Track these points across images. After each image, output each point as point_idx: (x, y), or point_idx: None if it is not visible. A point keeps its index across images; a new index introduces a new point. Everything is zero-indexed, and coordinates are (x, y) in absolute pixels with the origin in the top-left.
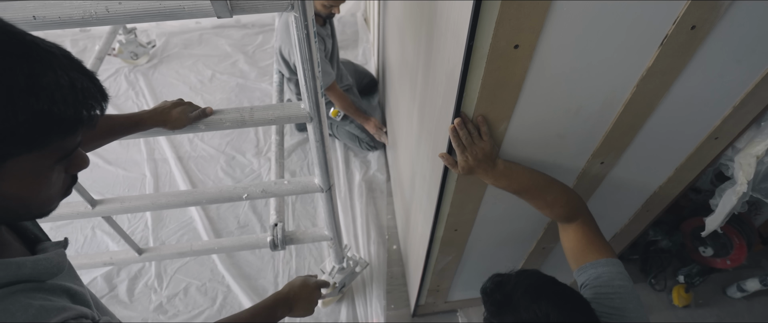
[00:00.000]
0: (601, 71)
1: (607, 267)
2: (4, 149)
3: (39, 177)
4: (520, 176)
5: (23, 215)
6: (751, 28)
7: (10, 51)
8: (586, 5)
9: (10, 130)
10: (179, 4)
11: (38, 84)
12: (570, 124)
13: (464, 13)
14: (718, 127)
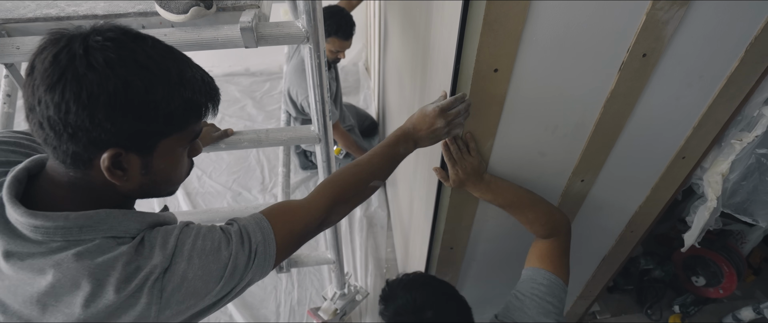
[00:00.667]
0: (571, 93)
1: (542, 278)
2: (164, 129)
3: (176, 156)
4: (505, 191)
5: (160, 192)
6: (695, 55)
7: (165, 55)
8: (552, 34)
9: (169, 113)
10: (213, 36)
11: (185, 78)
12: (549, 142)
13: (451, 42)
14: (682, 146)
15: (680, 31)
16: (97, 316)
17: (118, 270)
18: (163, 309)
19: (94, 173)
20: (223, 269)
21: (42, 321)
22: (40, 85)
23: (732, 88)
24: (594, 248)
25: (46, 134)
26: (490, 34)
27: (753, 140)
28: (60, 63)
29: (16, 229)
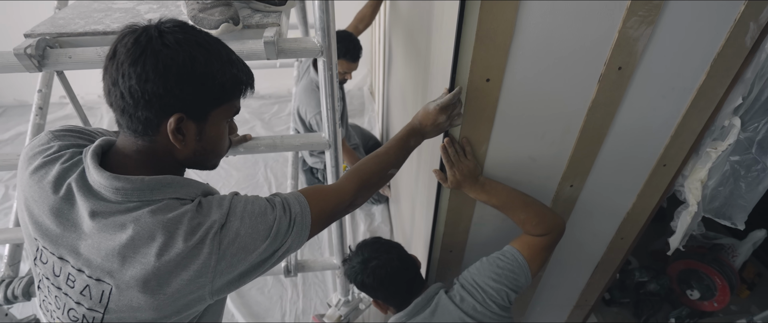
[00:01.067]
0: (556, 102)
1: (509, 253)
2: (215, 99)
3: (221, 128)
4: (498, 192)
5: (207, 162)
6: (665, 69)
7: (216, 41)
8: (537, 48)
9: (221, 84)
10: (239, 49)
11: (232, 59)
12: (538, 147)
13: (448, 55)
14: (662, 154)
15: (650, 47)
16: (169, 265)
17: (185, 224)
18: (220, 259)
19: (159, 139)
20: (269, 230)
21: (122, 273)
22: (124, 61)
23: (702, 99)
24: (587, 254)
25: (126, 103)
26: (482, 47)
27: (726, 149)
28: (141, 43)
29: (99, 192)
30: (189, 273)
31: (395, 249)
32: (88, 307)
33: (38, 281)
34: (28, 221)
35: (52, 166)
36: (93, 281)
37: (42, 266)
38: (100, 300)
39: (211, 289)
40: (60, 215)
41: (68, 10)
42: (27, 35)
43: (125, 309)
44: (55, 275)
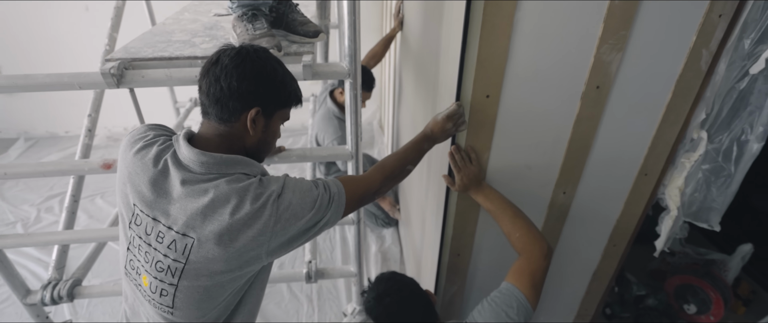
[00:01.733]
0: (547, 116)
1: (504, 288)
2: (283, 102)
3: (276, 128)
4: (494, 198)
5: (261, 153)
6: (637, 88)
7: (279, 61)
8: (527, 69)
9: (287, 93)
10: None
11: (290, 75)
12: (533, 156)
13: (454, 76)
14: (643, 164)
15: (622, 70)
16: (238, 222)
17: (251, 192)
18: (277, 222)
19: (237, 126)
20: (313, 203)
21: (203, 228)
22: (228, 65)
23: (671, 115)
24: (584, 261)
25: (223, 95)
26: (482, 69)
27: (698, 159)
28: (241, 54)
29: (187, 165)
30: (253, 231)
31: (408, 287)
32: (173, 258)
33: (128, 243)
34: (128, 191)
35: (151, 148)
36: (179, 236)
37: (136, 228)
38: (183, 251)
39: (268, 248)
40: (156, 185)
41: (137, 41)
42: (108, 60)
43: (202, 260)
44: (147, 234)
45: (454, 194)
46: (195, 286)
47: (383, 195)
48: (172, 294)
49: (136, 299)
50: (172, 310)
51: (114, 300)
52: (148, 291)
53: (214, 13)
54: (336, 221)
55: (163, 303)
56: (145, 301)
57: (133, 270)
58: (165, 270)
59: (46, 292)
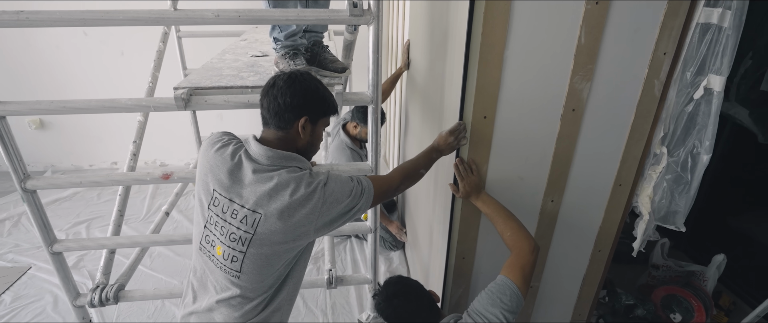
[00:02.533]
0: (534, 134)
1: (498, 280)
2: (324, 112)
3: (320, 133)
4: (491, 204)
5: (309, 153)
6: (605, 111)
7: (320, 81)
8: (516, 96)
9: (328, 105)
10: None
11: (328, 91)
12: (524, 168)
13: (456, 101)
14: (617, 176)
15: (591, 96)
16: (295, 202)
17: (305, 180)
18: (323, 204)
19: (291, 132)
20: (350, 192)
21: (268, 206)
22: (283, 86)
23: (636, 133)
24: (574, 265)
25: (281, 108)
26: (480, 94)
27: (662, 171)
28: (292, 77)
29: (256, 158)
30: (306, 210)
31: (414, 289)
32: (244, 230)
33: (205, 222)
34: (209, 180)
35: (228, 146)
36: (250, 212)
37: (214, 208)
38: (253, 224)
39: (315, 226)
40: (232, 174)
41: (194, 76)
42: (176, 88)
43: (266, 232)
44: (223, 212)
45: (459, 202)
46: (259, 253)
47: (401, 192)
48: (241, 260)
49: (206, 270)
50: (239, 274)
51: (143, 305)
52: (220, 259)
53: (251, 55)
54: (366, 209)
55: (233, 268)
56: (217, 269)
57: (208, 243)
58: (237, 240)
59: (95, 294)
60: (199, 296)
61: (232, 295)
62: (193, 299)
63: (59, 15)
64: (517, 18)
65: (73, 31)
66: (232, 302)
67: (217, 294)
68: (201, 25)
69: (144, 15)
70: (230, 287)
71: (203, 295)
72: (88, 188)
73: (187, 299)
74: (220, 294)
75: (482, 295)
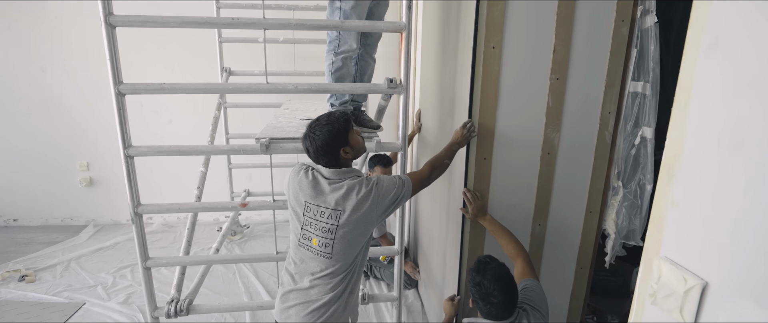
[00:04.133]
0: (522, 171)
1: (528, 283)
2: (348, 129)
3: (356, 139)
4: (493, 223)
5: (359, 154)
6: (573, 157)
7: (330, 117)
8: (507, 139)
9: (347, 124)
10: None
11: (342, 116)
12: (516, 198)
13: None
14: (587, 205)
15: (561, 142)
16: (361, 199)
17: (364, 183)
18: (378, 197)
19: (338, 156)
20: (395, 185)
21: (344, 204)
22: (320, 133)
23: (597, 171)
24: (562, 281)
25: (319, 146)
26: (480, 141)
27: (620, 199)
28: (318, 123)
29: (328, 176)
30: (368, 203)
31: (507, 270)
32: (331, 223)
33: (301, 224)
34: (300, 195)
35: (307, 172)
36: (333, 211)
37: (307, 213)
38: (336, 219)
39: (377, 213)
40: (315, 188)
41: (266, 130)
42: (258, 139)
43: (346, 222)
44: (315, 214)
45: (468, 226)
46: (343, 238)
47: (433, 180)
48: (332, 245)
49: (305, 259)
50: (331, 255)
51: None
52: (317, 248)
53: (300, 119)
54: (409, 196)
55: (326, 252)
56: (315, 256)
57: (306, 239)
58: (327, 231)
59: (170, 307)
60: (298, 279)
61: (325, 273)
62: (292, 282)
63: (193, 86)
64: (504, 90)
65: (133, 104)
66: (325, 279)
67: (313, 276)
68: (285, 93)
69: (237, 87)
70: (325, 268)
71: (301, 278)
72: (127, 237)
73: (285, 284)
74: (316, 274)
75: (535, 295)
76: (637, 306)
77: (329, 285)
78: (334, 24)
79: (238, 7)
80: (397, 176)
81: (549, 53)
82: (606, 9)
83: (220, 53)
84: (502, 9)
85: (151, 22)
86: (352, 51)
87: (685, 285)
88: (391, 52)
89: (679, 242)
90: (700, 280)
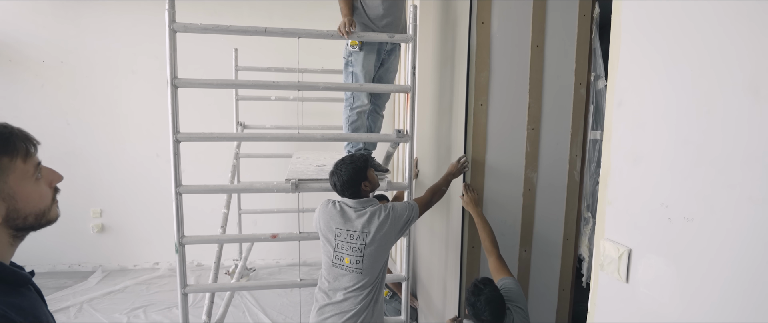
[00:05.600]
0: (509, 202)
1: (506, 281)
2: (368, 163)
3: (373, 176)
4: (480, 217)
5: (374, 190)
6: (550, 190)
7: (353, 156)
8: (496, 172)
9: (366, 163)
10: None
11: (362, 157)
12: (504, 228)
13: (459, 181)
14: (564, 233)
15: (539, 181)
16: (382, 222)
17: (383, 209)
18: (394, 219)
19: (360, 189)
20: (405, 210)
21: (369, 227)
22: (342, 168)
23: (570, 204)
24: (548, 303)
25: (345, 180)
26: (473, 182)
27: (590, 228)
28: (343, 162)
29: (352, 206)
30: (388, 224)
31: (499, 294)
32: (360, 243)
33: (333, 248)
34: (332, 223)
35: (335, 204)
36: (360, 233)
37: (339, 238)
38: (364, 239)
39: (395, 232)
40: (343, 217)
41: (292, 173)
42: (288, 180)
43: (371, 243)
44: (345, 238)
45: (466, 252)
46: (370, 255)
47: (434, 204)
48: (362, 261)
49: (337, 278)
50: (361, 270)
51: None
52: (349, 265)
53: (316, 165)
54: (417, 218)
55: (357, 268)
56: (347, 273)
57: (338, 259)
58: (357, 250)
59: None
60: (331, 295)
61: (356, 287)
62: (326, 298)
63: (240, 136)
64: (491, 138)
65: (149, 153)
66: (356, 292)
67: (346, 290)
68: (315, 141)
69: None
70: (356, 282)
71: (335, 293)
72: (136, 282)
73: (320, 300)
74: (349, 288)
75: (514, 291)
76: (593, 275)
77: (359, 297)
78: (355, 86)
79: (253, 70)
80: (407, 201)
81: (525, 109)
82: (567, 74)
83: (236, 109)
84: (487, 75)
85: (211, 30)
86: (365, 106)
87: (618, 253)
88: None
89: (613, 226)
90: (627, 248)
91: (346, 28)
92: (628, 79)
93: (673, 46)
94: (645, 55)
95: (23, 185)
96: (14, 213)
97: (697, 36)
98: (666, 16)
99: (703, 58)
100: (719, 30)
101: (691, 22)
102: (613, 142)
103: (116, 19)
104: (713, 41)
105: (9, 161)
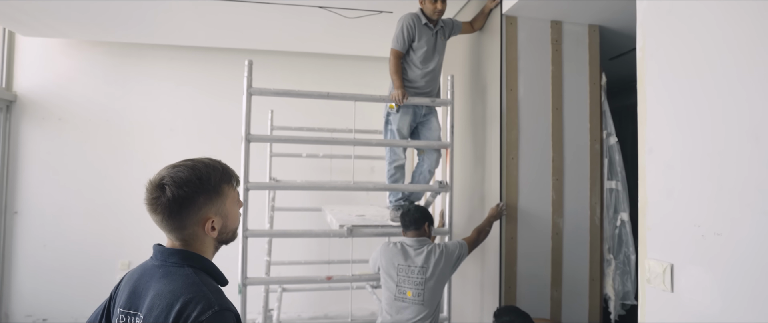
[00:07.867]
0: (538, 248)
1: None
2: (432, 222)
3: (430, 231)
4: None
5: (432, 232)
6: (575, 236)
7: (417, 207)
8: (527, 220)
9: (430, 217)
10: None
11: (424, 208)
12: (536, 269)
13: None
14: (590, 273)
15: (565, 226)
16: (438, 259)
17: (436, 247)
18: (447, 256)
19: (423, 229)
20: (456, 248)
21: (427, 263)
22: (415, 212)
23: (593, 246)
24: None
25: (417, 219)
26: (508, 229)
27: (613, 269)
28: (415, 207)
29: (412, 245)
30: (443, 261)
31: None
32: (421, 277)
33: (395, 283)
34: (393, 262)
35: (396, 245)
36: (421, 267)
37: (401, 273)
38: (425, 274)
39: (449, 267)
40: (403, 255)
41: (341, 217)
42: (341, 225)
43: (431, 277)
44: (407, 273)
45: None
46: (430, 288)
47: (480, 242)
48: (423, 294)
49: (400, 310)
50: (423, 302)
51: None
52: (411, 298)
53: (356, 215)
54: (465, 256)
55: (419, 301)
56: (409, 305)
57: (401, 292)
58: (418, 283)
59: None
60: None
61: (418, 319)
62: None
63: (307, 184)
64: (522, 188)
65: None
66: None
67: (409, 321)
68: (367, 190)
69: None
70: (417, 314)
71: None
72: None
73: None
74: (411, 320)
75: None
76: (640, 288)
77: None
78: (399, 142)
79: (287, 129)
80: (457, 241)
81: (549, 162)
82: (583, 132)
83: (269, 165)
84: (516, 133)
85: (283, 93)
86: (402, 160)
87: (662, 267)
88: None
89: (654, 247)
90: (669, 263)
91: (399, 99)
92: (655, 132)
93: (689, 102)
94: (666, 110)
95: (232, 207)
96: (224, 228)
97: (711, 86)
98: (686, 68)
99: (716, 111)
100: (725, 89)
101: (700, 82)
102: (648, 181)
103: (160, 83)
104: (721, 100)
105: (228, 188)
